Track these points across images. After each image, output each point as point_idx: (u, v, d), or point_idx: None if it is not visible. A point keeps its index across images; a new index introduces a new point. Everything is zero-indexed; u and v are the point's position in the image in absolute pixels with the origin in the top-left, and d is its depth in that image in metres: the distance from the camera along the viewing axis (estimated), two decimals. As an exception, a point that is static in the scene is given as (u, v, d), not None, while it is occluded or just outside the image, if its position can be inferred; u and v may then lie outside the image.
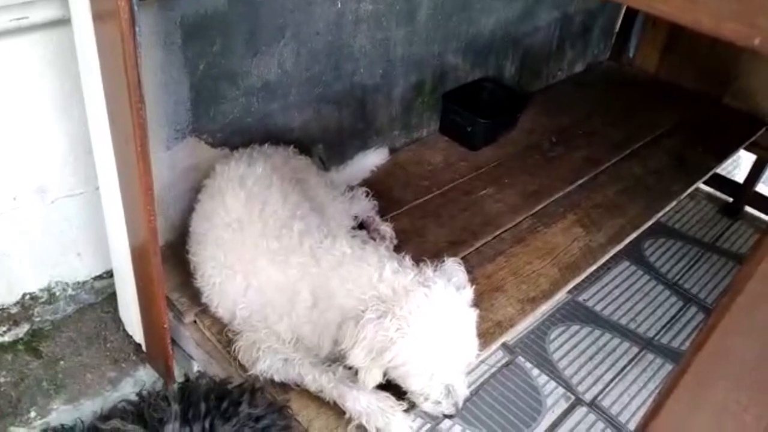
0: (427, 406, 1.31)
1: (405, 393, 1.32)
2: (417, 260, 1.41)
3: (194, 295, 1.54)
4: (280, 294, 1.36)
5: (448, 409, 1.30)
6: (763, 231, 2.35)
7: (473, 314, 1.31)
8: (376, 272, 1.29)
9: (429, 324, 1.23)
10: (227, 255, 1.41)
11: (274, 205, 1.46)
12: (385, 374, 1.28)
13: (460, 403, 1.30)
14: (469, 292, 1.35)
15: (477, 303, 1.64)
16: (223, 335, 1.48)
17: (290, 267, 1.35)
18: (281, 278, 1.36)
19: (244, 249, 1.40)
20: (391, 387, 1.33)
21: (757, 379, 0.54)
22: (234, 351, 1.42)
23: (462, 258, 1.78)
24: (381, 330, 1.21)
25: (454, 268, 1.38)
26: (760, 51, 0.44)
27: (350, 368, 1.36)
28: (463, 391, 1.30)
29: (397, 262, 1.33)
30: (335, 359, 1.36)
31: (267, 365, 1.35)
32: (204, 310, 1.53)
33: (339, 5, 1.79)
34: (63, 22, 1.36)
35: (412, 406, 1.35)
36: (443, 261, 1.38)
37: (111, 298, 1.76)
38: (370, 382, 1.26)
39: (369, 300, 1.25)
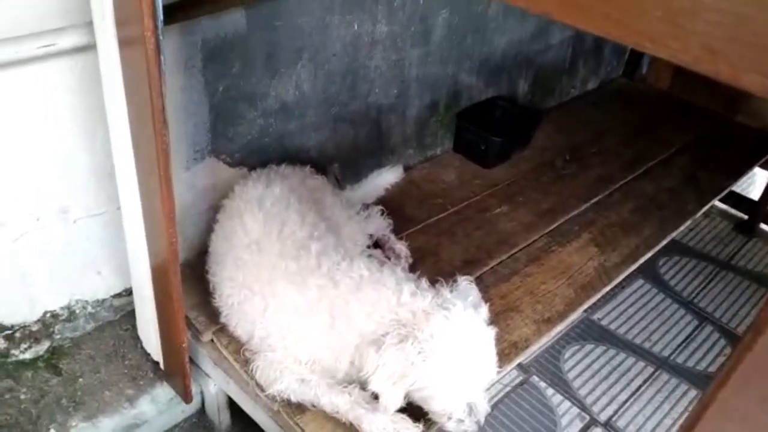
0: (450, 426, 1.31)
1: (426, 414, 1.33)
2: (432, 280, 1.43)
3: (212, 315, 1.56)
4: (298, 315, 1.37)
5: (471, 427, 1.30)
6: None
7: (491, 333, 1.33)
8: (394, 296, 1.31)
9: (450, 346, 1.25)
10: (246, 276, 1.43)
11: (292, 226, 1.48)
12: (405, 396, 1.29)
13: (482, 420, 1.31)
14: (485, 311, 1.36)
15: (493, 322, 1.66)
16: (241, 354, 1.50)
17: (308, 289, 1.37)
18: (299, 300, 1.37)
19: (262, 270, 1.42)
20: (412, 407, 1.34)
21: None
22: (251, 371, 1.43)
23: (477, 277, 1.80)
24: (403, 355, 1.23)
25: (467, 287, 1.40)
26: (779, 100, 0.45)
27: (366, 390, 1.37)
28: (484, 408, 1.31)
29: (414, 284, 1.35)
30: (352, 380, 1.37)
31: (284, 386, 1.37)
32: (222, 330, 1.55)
33: (356, 27, 1.82)
34: (89, 47, 1.40)
35: (430, 427, 1.36)
36: (456, 281, 1.39)
37: (130, 315, 1.78)
38: (392, 406, 1.27)
39: (389, 324, 1.27)
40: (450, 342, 1.25)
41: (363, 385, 1.36)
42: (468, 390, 1.27)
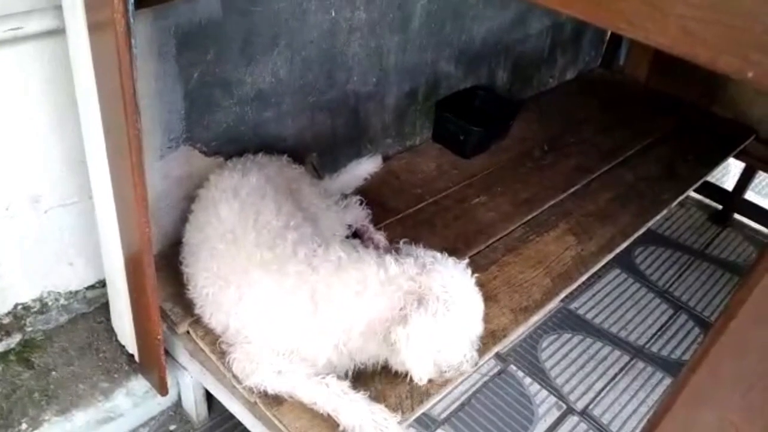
0: (465, 366, 1.36)
1: (406, 396, 1.33)
2: None
3: (187, 306, 1.53)
4: (276, 304, 1.36)
5: (473, 358, 1.37)
6: (759, 254, 2.37)
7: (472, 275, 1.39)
8: (381, 270, 1.32)
9: (460, 287, 1.30)
10: (221, 266, 1.41)
11: (267, 215, 1.46)
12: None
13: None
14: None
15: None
16: (217, 346, 1.47)
17: (286, 276, 1.35)
18: (277, 288, 1.36)
19: (237, 260, 1.40)
20: (387, 398, 1.34)
21: (750, 401, 0.55)
22: (227, 363, 1.41)
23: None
24: (428, 315, 1.25)
25: (422, 249, 1.43)
26: (754, 83, 0.45)
27: (345, 379, 1.37)
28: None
29: (393, 257, 1.36)
30: (332, 369, 1.37)
31: (261, 378, 1.35)
32: (197, 321, 1.53)
33: (333, 14, 1.79)
34: (58, 32, 1.36)
35: (412, 408, 1.36)
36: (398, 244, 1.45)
37: (103, 308, 1.75)
38: (427, 374, 1.30)
39: (395, 298, 1.29)
40: (457, 284, 1.31)
41: (347, 372, 1.38)
42: (476, 325, 1.35)
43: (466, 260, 1.40)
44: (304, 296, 1.34)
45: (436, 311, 1.25)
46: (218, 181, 1.55)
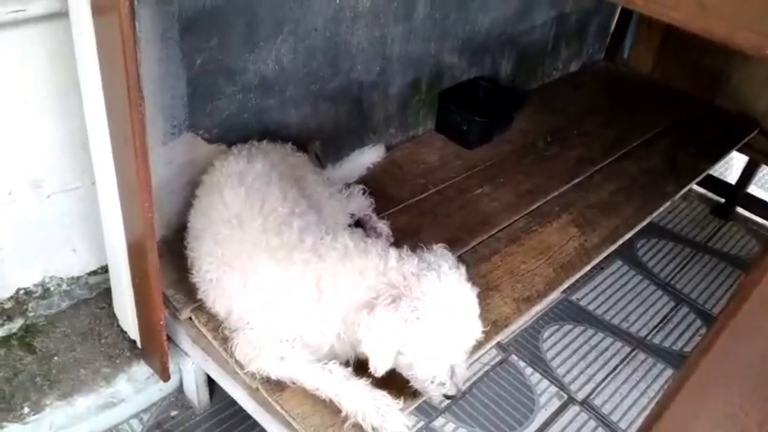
0: (432, 389, 1.32)
1: (407, 383, 1.34)
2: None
3: (190, 292, 1.53)
4: (280, 291, 1.35)
5: (451, 390, 1.31)
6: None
7: (475, 293, 1.33)
8: (381, 261, 1.31)
9: (441, 305, 1.26)
10: (225, 251, 1.41)
11: (273, 202, 1.45)
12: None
13: (461, 384, 1.33)
14: (464, 272, 1.37)
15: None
16: (219, 332, 1.47)
17: (293, 263, 1.35)
18: (282, 275, 1.35)
19: (242, 245, 1.40)
20: (389, 385, 1.34)
21: (760, 385, 0.55)
22: (230, 349, 1.41)
23: (458, 257, 1.78)
24: (396, 314, 1.23)
25: (444, 253, 1.40)
26: (773, 60, 0.44)
27: (350, 365, 1.37)
28: (464, 372, 1.33)
29: (398, 252, 1.35)
30: (336, 356, 1.36)
31: (263, 363, 1.35)
32: (200, 307, 1.53)
33: (337, 1, 1.78)
34: (61, 15, 1.35)
35: (414, 395, 1.37)
36: (431, 248, 1.40)
37: (106, 293, 1.75)
38: (382, 368, 1.27)
39: (379, 288, 1.27)
40: (441, 301, 1.26)
41: (348, 360, 1.36)
42: (455, 350, 1.29)
43: (477, 290, 1.34)
44: (310, 284, 1.34)
45: (405, 315, 1.23)
46: (223, 167, 1.55)
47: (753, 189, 2.87)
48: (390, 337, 1.24)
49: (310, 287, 1.33)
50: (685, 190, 2.27)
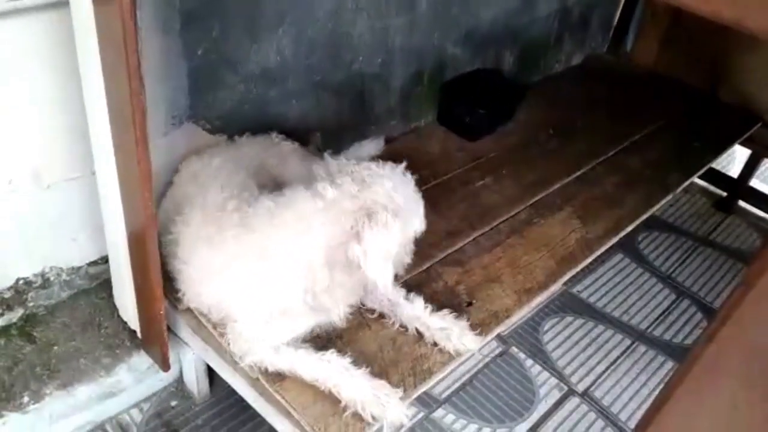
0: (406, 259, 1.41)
1: (407, 373, 1.33)
2: (416, 252, 1.46)
3: (191, 283, 1.53)
4: (232, 274, 1.36)
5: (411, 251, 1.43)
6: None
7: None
8: (317, 199, 1.28)
9: (405, 195, 1.30)
10: (182, 249, 1.44)
11: (213, 193, 1.46)
12: None
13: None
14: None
15: (474, 294, 1.66)
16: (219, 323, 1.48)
17: (225, 243, 1.36)
18: (223, 258, 1.36)
19: (189, 242, 1.43)
20: (388, 375, 1.34)
21: (764, 376, 0.54)
22: (225, 343, 1.42)
23: (459, 249, 1.80)
24: (379, 226, 1.24)
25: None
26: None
27: (345, 356, 1.37)
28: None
29: (326, 182, 1.31)
30: (326, 320, 1.39)
31: (259, 357, 1.35)
32: (200, 298, 1.53)
33: (339, -8, 1.77)
34: (61, 4, 1.34)
35: (414, 385, 1.37)
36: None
37: (106, 283, 1.75)
38: (390, 282, 1.29)
39: (345, 219, 1.26)
40: (401, 192, 1.29)
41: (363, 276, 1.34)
42: (418, 228, 1.36)
43: (403, 164, 1.37)
44: (252, 257, 1.33)
45: (386, 221, 1.24)
46: (183, 168, 1.59)
47: (755, 182, 2.85)
48: (389, 250, 1.26)
49: (254, 260, 1.33)
50: (687, 183, 2.26)
